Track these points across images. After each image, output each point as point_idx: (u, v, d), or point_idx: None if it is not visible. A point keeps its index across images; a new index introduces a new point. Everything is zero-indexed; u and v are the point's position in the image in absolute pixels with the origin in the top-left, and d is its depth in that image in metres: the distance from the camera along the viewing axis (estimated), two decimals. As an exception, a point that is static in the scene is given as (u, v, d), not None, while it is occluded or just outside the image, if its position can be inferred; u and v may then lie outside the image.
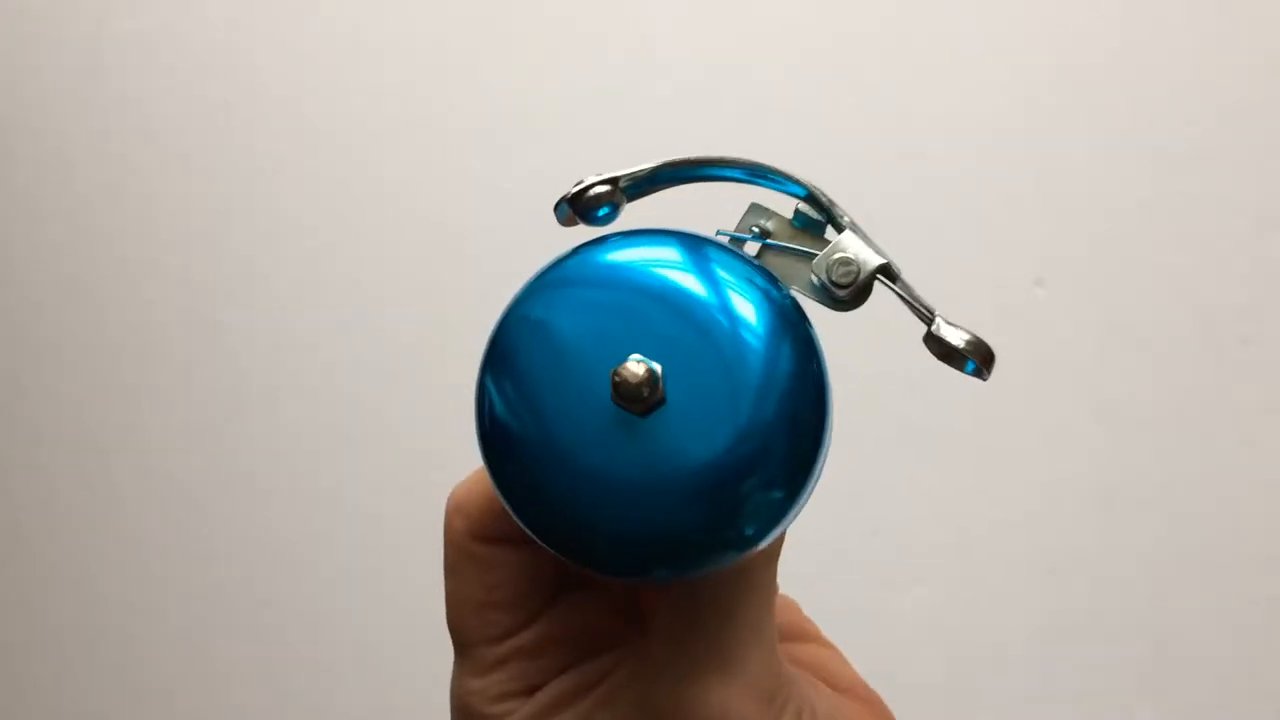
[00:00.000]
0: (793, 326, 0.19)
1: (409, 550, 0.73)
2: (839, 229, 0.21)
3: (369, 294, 0.73)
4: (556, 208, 0.21)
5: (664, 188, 0.22)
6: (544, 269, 0.21)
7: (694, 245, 0.20)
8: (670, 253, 0.20)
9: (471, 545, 0.25)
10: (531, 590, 0.25)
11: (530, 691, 0.25)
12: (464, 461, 0.27)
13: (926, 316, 0.20)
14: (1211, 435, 0.62)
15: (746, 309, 0.19)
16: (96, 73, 0.75)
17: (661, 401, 0.18)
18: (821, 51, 0.66)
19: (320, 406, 0.74)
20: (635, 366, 0.18)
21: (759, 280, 0.20)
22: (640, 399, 0.18)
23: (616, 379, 0.18)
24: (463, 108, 0.70)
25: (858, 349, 0.68)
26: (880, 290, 0.24)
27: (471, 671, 0.25)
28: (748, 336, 0.19)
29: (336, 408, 0.74)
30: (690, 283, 0.19)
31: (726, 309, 0.19)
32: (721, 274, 0.19)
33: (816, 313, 0.21)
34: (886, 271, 0.20)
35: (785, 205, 0.22)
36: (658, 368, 0.18)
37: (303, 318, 0.74)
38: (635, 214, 0.23)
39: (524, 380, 0.19)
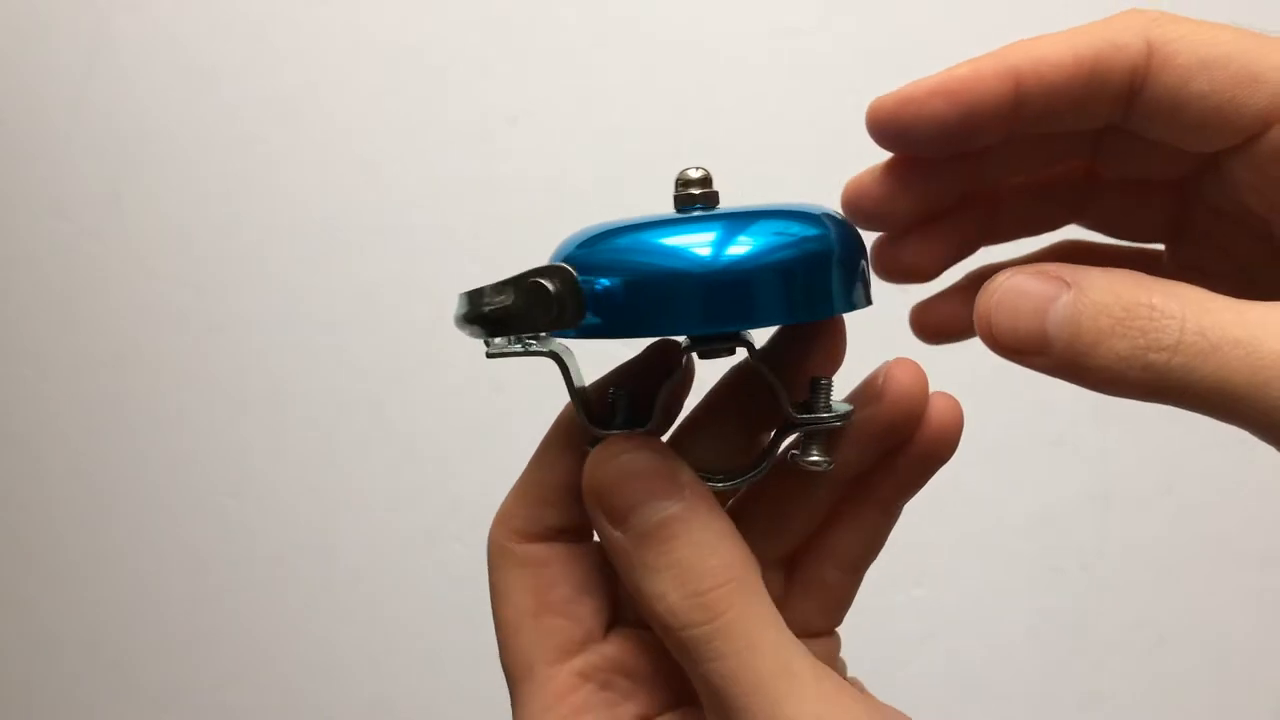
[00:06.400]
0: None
1: (412, 551, 0.73)
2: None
3: (370, 295, 0.73)
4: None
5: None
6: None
7: None
8: None
9: (517, 546, 0.25)
10: (584, 592, 0.25)
11: None
12: (464, 462, 0.27)
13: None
14: (1212, 433, 0.62)
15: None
16: (96, 73, 0.75)
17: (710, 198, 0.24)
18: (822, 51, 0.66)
19: (321, 408, 0.74)
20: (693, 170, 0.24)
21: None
22: (694, 186, 0.24)
23: (679, 177, 0.24)
24: (463, 108, 0.70)
25: (859, 350, 0.68)
26: (882, 295, 0.24)
27: (538, 704, 0.24)
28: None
29: (338, 409, 0.74)
30: None
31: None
32: None
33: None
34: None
35: None
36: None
37: (304, 318, 0.74)
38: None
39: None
